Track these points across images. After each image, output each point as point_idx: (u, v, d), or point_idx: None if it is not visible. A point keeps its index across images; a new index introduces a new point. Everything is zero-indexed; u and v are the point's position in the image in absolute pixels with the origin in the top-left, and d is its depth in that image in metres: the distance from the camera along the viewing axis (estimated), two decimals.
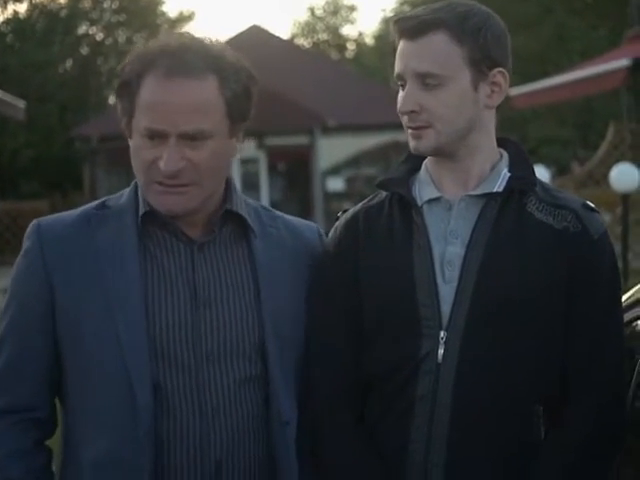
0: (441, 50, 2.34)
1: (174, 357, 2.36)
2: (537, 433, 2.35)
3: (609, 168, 15.21)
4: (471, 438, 2.32)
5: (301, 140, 25.02)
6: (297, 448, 2.44)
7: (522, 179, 2.39)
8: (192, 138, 2.32)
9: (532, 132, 26.85)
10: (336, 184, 26.88)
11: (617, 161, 15.97)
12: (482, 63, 2.36)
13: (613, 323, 2.39)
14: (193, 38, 2.41)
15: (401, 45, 2.38)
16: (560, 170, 24.44)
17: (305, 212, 22.78)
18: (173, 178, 2.33)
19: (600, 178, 17.54)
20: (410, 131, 2.40)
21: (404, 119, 2.40)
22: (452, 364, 2.31)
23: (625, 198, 13.01)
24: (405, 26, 2.38)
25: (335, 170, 27.04)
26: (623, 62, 15.80)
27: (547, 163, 21.37)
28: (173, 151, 2.32)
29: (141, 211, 2.41)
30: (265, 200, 22.43)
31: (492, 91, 2.39)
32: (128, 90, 2.37)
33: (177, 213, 2.38)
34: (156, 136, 2.33)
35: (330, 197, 26.46)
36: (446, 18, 2.35)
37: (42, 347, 2.40)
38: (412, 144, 2.41)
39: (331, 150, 25.32)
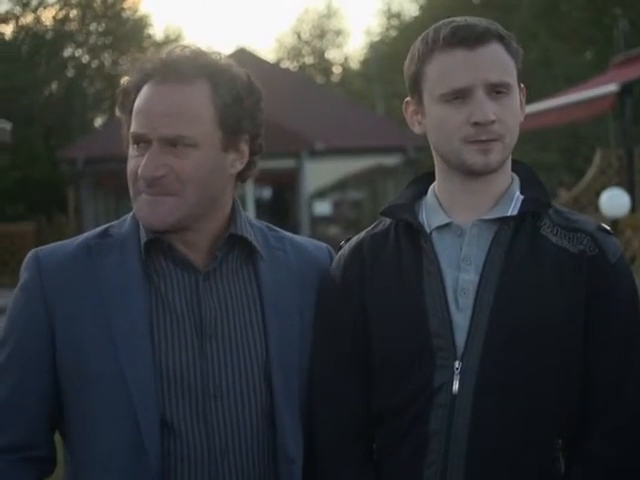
0: (505, 59, 2.28)
1: (180, 395, 2.28)
2: (557, 467, 2.27)
3: (595, 193, 15.25)
4: (489, 475, 2.22)
5: (288, 164, 24.99)
6: None
7: (536, 201, 2.32)
8: (172, 144, 2.24)
9: (518, 157, 26.87)
10: (323, 208, 26.89)
11: (603, 186, 16.00)
12: (519, 78, 2.32)
13: (634, 351, 2.30)
14: (194, 48, 2.35)
15: (458, 55, 2.25)
16: None
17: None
18: (153, 186, 2.24)
19: (586, 203, 17.55)
20: (479, 145, 2.25)
21: (470, 133, 2.25)
22: (468, 396, 2.22)
23: (615, 223, 12.98)
24: (465, 34, 2.25)
25: (322, 194, 27.06)
26: (612, 87, 15.84)
27: None
28: (152, 156, 2.23)
29: (143, 239, 2.32)
30: None
31: (521, 108, 2.34)
32: (128, 101, 2.31)
33: (157, 227, 2.28)
34: (140, 141, 2.25)
35: (317, 221, 26.45)
36: (496, 30, 2.29)
37: (42, 385, 2.31)
38: (480, 160, 2.26)
39: (318, 174, 25.32)
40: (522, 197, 2.33)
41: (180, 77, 2.26)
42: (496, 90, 2.25)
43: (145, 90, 2.28)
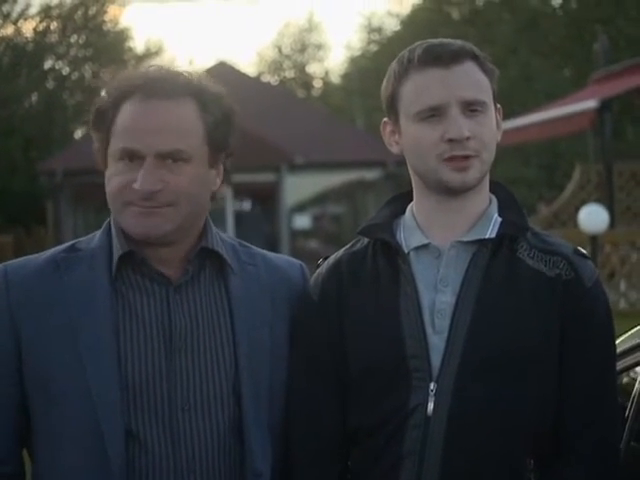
0: (479, 77, 2.28)
1: (147, 407, 2.26)
2: None
3: (575, 208, 15.30)
4: None
5: (268, 177, 25.01)
6: None
7: (514, 225, 2.31)
8: (170, 158, 2.24)
9: (498, 172, 27.05)
10: (303, 222, 26.90)
11: (583, 202, 16.07)
12: (495, 97, 2.33)
13: (609, 376, 2.32)
14: (172, 68, 2.35)
15: (433, 73, 2.26)
16: (526, 211, 24.48)
17: (272, 250, 22.67)
18: (148, 200, 2.24)
19: (566, 219, 17.62)
20: (454, 163, 2.25)
21: (445, 149, 2.24)
22: (442, 417, 2.21)
23: (594, 239, 13.03)
24: (439, 53, 2.26)
25: (301, 207, 27.07)
26: (591, 104, 15.92)
27: None
28: (149, 171, 2.23)
29: (118, 253, 2.31)
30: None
31: (497, 127, 2.34)
32: (104, 119, 2.29)
33: (152, 236, 2.27)
34: (132, 157, 2.24)
35: (297, 234, 26.45)
36: (470, 49, 2.30)
37: (8, 399, 2.29)
38: (456, 178, 2.25)
39: (297, 188, 25.33)
40: (500, 219, 2.33)
41: (166, 93, 2.26)
42: (471, 108, 2.25)
43: (129, 107, 2.27)
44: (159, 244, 2.30)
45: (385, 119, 2.39)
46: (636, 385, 2.57)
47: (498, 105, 2.35)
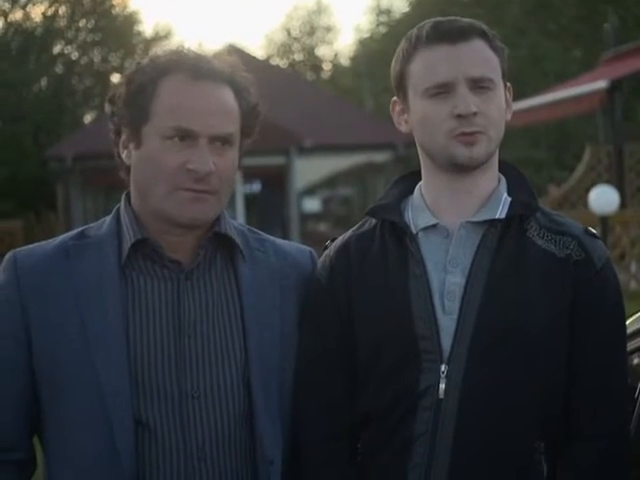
0: (488, 55, 2.28)
1: (156, 393, 2.25)
2: (540, 469, 2.26)
3: (585, 190, 15.25)
4: (473, 477, 2.21)
5: (277, 160, 24.96)
6: None
7: (524, 204, 2.30)
8: (219, 141, 2.26)
9: (508, 154, 26.99)
10: (312, 205, 26.86)
11: (593, 183, 16.01)
12: (504, 76, 2.32)
13: (619, 356, 2.31)
14: (203, 52, 2.35)
15: (441, 50, 2.26)
16: (536, 192, 24.40)
17: (282, 233, 22.69)
18: (203, 182, 2.24)
19: (576, 200, 17.57)
20: (463, 138, 2.25)
21: (453, 125, 2.24)
22: (454, 399, 2.21)
23: (604, 220, 12.99)
24: (447, 30, 2.27)
25: (311, 191, 27.03)
26: (601, 84, 15.87)
27: None
28: (204, 152, 2.24)
29: (132, 240, 2.29)
30: (241, 221, 22.31)
31: (507, 105, 2.34)
32: (141, 96, 2.27)
33: (200, 222, 2.29)
34: (184, 137, 2.24)
35: (306, 218, 26.42)
36: (479, 27, 2.29)
37: (20, 387, 2.29)
38: (464, 153, 2.25)
39: (307, 170, 25.29)
40: (510, 199, 2.32)
41: (212, 76, 2.28)
42: (479, 85, 2.25)
43: (174, 85, 2.26)
44: (188, 229, 2.30)
45: (394, 98, 2.38)
46: None
47: (508, 84, 2.34)
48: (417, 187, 2.39)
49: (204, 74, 2.27)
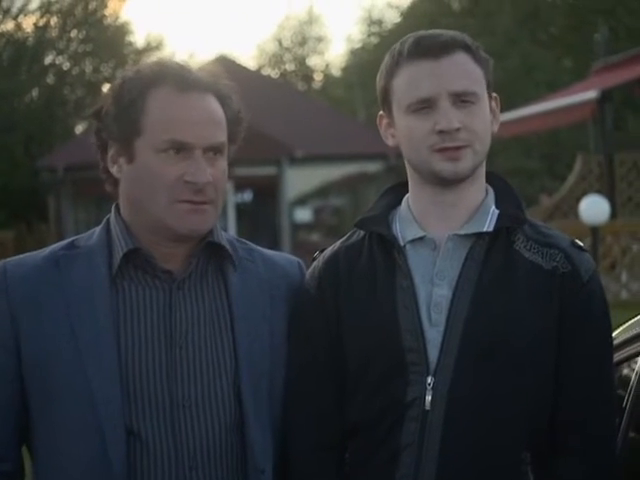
0: (471, 68, 2.29)
1: (148, 401, 2.26)
2: None
3: (577, 199, 15.27)
4: None
5: (268, 170, 24.97)
6: None
7: (512, 217, 2.31)
8: (212, 151, 2.28)
9: (500, 163, 27.04)
10: (304, 215, 26.84)
11: (584, 192, 16.05)
12: (489, 88, 2.32)
13: (605, 368, 2.31)
14: (185, 63, 2.36)
15: (423, 66, 2.27)
16: (527, 202, 24.47)
17: (273, 243, 22.68)
18: (201, 193, 2.26)
19: (568, 209, 17.60)
20: (447, 153, 2.26)
21: (436, 141, 2.25)
22: (440, 411, 2.22)
23: (595, 230, 13.02)
24: (428, 45, 2.27)
25: (302, 201, 27.01)
26: (591, 94, 15.92)
27: None
28: (200, 162, 2.26)
29: (124, 250, 2.30)
30: (232, 231, 22.32)
31: (493, 116, 2.34)
32: (130, 111, 2.27)
33: (199, 233, 2.30)
34: (179, 149, 2.25)
35: (298, 228, 26.41)
36: (462, 40, 2.29)
37: (8, 395, 2.29)
38: (448, 167, 2.26)
39: (298, 180, 25.30)
40: (497, 211, 2.32)
41: (198, 86, 2.29)
42: (462, 99, 2.26)
43: (163, 97, 2.27)
44: (185, 241, 2.31)
45: (381, 112, 2.39)
46: (633, 377, 2.57)
47: (494, 94, 2.35)
48: (405, 199, 2.40)
49: (190, 85, 2.28)
